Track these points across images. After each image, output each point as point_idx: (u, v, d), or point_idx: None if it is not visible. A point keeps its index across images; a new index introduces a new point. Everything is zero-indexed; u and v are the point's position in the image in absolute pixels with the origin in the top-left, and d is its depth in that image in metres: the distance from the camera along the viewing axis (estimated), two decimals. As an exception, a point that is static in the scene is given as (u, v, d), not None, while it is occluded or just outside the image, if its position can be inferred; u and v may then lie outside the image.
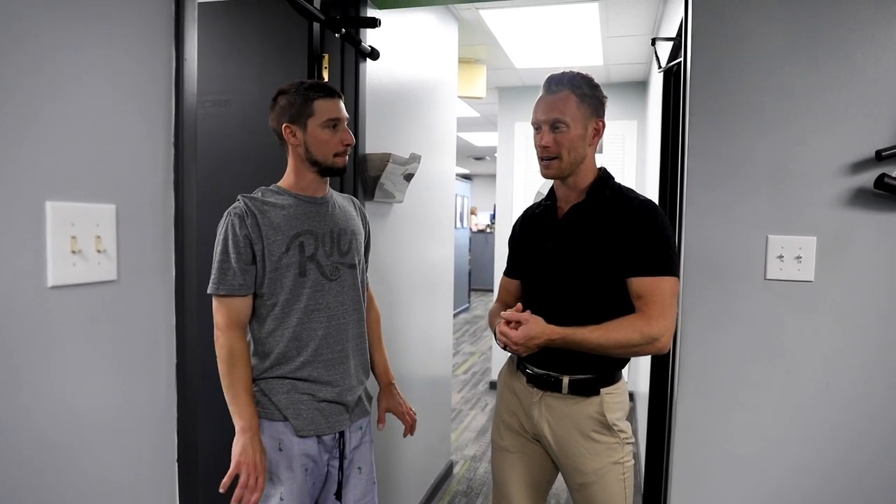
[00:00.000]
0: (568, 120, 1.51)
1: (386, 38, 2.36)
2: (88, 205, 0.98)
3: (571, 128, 1.51)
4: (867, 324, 1.48)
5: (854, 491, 1.51)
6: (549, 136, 1.52)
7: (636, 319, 1.44)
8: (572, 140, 1.52)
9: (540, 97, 1.57)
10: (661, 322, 1.42)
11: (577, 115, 1.52)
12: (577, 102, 1.52)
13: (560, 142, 1.52)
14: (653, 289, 1.45)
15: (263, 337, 1.57)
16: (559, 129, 1.51)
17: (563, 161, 1.53)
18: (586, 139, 1.54)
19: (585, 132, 1.54)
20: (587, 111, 1.53)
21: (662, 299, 1.44)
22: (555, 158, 1.53)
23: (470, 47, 4.08)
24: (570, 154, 1.53)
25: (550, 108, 1.52)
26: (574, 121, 1.51)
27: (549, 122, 1.52)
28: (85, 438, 1.00)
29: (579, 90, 1.53)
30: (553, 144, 1.52)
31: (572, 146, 1.52)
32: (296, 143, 1.57)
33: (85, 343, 0.99)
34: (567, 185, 1.59)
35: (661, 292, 1.45)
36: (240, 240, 1.50)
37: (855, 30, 1.45)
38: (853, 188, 1.46)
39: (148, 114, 1.11)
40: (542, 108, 1.54)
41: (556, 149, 1.52)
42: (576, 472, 1.57)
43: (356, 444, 1.68)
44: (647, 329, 1.42)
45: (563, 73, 1.55)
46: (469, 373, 6.08)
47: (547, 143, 1.52)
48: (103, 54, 1.01)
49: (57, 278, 0.93)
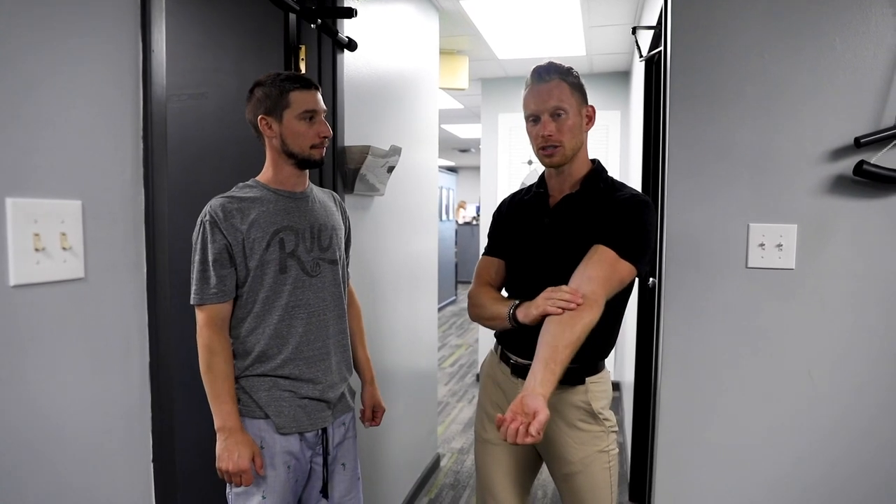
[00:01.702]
0: (566, 106, 1.51)
1: (364, 29, 2.33)
2: (52, 201, 0.96)
3: (570, 114, 1.51)
4: (847, 311, 1.49)
5: (835, 476, 1.52)
6: (551, 125, 1.51)
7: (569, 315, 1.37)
8: (572, 127, 1.52)
9: (530, 89, 1.55)
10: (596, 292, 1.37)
11: (572, 101, 1.52)
12: (570, 90, 1.52)
13: (562, 129, 1.51)
14: (604, 259, 1.42)
15: (244, 335, 1.55)
16: (559, 117, 1.51)
17: (565, 148, 1.53)
18: (582, 126, 1.55)
19: (581, 119, 1.55)
20: (579, 98, 1.55)
21: (607, 273, 1.40)
22: (558, 146, 1.52)
23: (452, 38, 4.05)
24: (571, 140, 1.53)
25: (548, 96, 1.51)
26: (571, 107, 1.52)
27: (549, 110, 1.51)
28: (55, 440, 0.98)
29: (568, 78, 1.53)
30: (556, 132, 1.51)
31: (573, 133, 1.53)
32: (272, 136, 1.55)
33: (52, 343, 0.97)
34: (562, 174, 1.58)
35: (611, 267, 1.41)
36: (215, 247, 1.48)
37: (834, 17, 1.44)
38: (833, 175, 1.46)
39: (114, 107, 1.08)
40: (539, 98, 1.52)
41: (559, 136, 1.51)
42: (561, 462, 1.57)
43: (339, 441, 1.67)
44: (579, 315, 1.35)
45: (549, 64, 1.55)
46: (456, 365, 6.08)
47: (551, 132, 1.51)
48: (66, 45, 0.97)
49: (20, 277, 0.90)
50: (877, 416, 1.49)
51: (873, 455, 1.49)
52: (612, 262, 1.42)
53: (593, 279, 1.40)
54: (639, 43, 2.71)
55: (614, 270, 1.42)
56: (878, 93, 1.43)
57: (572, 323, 1.34)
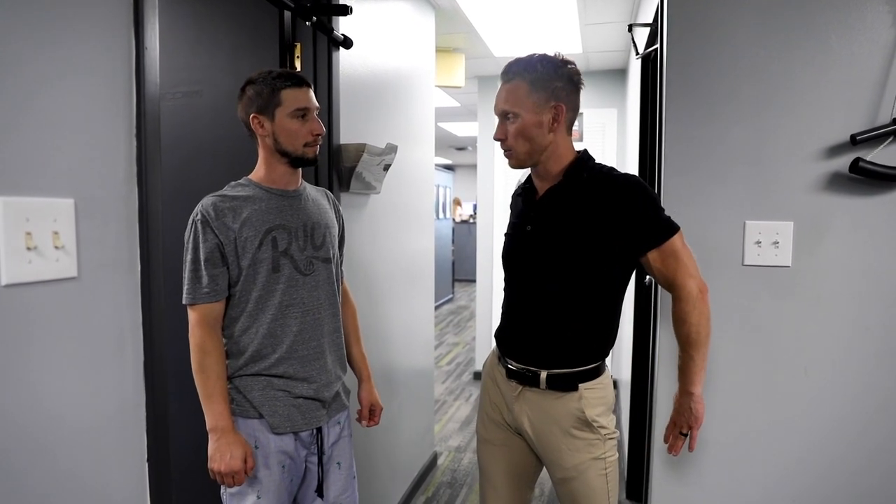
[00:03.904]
0: (517, 110, 1.48)
1: (360, 26, 2.33)
2: (44, 199, 0.95)
3: (522, 117, 1.48)
4: (844, 308, 1.49)
5: (832, 474, 1.52)
6: (501, 128, 1.51)
7: (682, 307, 1.43)
8: (523, 129, 1.48)
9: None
10: (690, 281, 1.42)
11: (527, 103, 1.47)
12: (528, 90, 1.47)
13: (511, 133, 1.50)
14: (667, 256, 1.43)
15: (237, 335, 1.54)
16: (509, 120, 1.50)
17: (517, 151, 1.51)
18: (544, 126, 1.49)
19: (540, 118, 1.48)
20: (541, 97, 1.47)
21: (678, 259, 1.43)
22: (510, 150, 1.52)
23: (448, 36, 4.04)
24: (523, 144, 1.50)
25: (502, 99, 1.51)
26: (525, 110, 1.47)
27: (500, 113, 1.52)
28: (50, 440, 0.97)
29: (532, 75, 1.48)
30: (504, 136, 1.51)
31: (525, 136, 1.49)
32: (264, 134, 1.54)
33: (45, 343, 0.96)
34: (538, 172, 1.57)
35: (675, 253, 1.43)
36: (207, 247, 1.47)
37: (830, 14, 1.44)
38: (829, 172, 1.46)
39: (107, 105, 1.07)
40: (496, 100, 1.53)
41: (509, 141, 1.51)
42: (556, 467, 1.56)
43: (335, 440, 1.66)
44: (693, 300, 1.41)
45: (518, 60, 1.51)
46: (453, 363, 6.08)
47: (499, 136, 1.52)
48: (58, 42, 0.97)
49: (11, 276, 0.89)
50: (874, 412, 1.49)
51: (870, 451, 1.50)
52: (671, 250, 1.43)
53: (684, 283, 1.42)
54: (635, 40, 2.71)
55: (677, 254, 1.43)
56: (874, 90, 1.43)
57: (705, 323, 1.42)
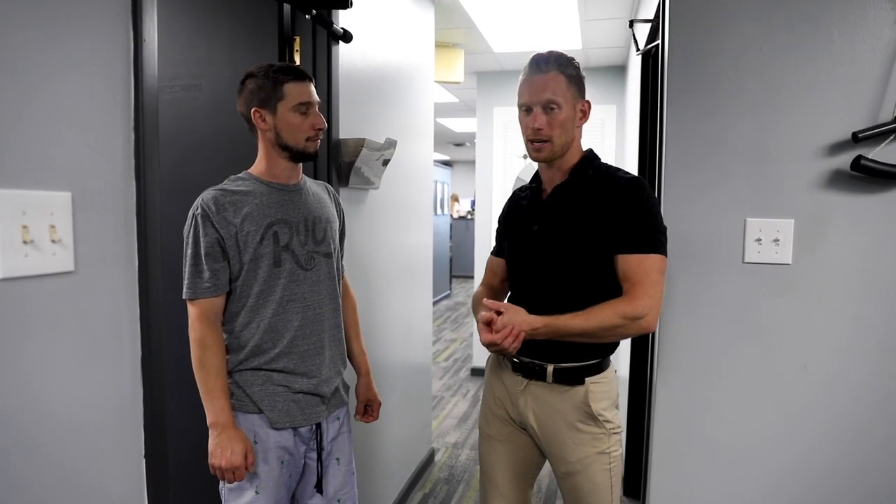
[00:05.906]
0: (560, 101, 1.46)
1: (360, 20, 2.31)
2: (41, 192, 0.94)
3: (563, 109, 1.47)
4: (844, 306, 1.48)
5: (832, 471, 1.52)
6: (542, 118, 1.47)
7: (618, 302, 1.41)
8: (564, 122, 1.48)
9: (526, 77, 1.52)
10: (645, 301, 1.40)
11: (567, 95, 1.48)
12: (567, 83, 1.48)
13: (552, 123, 1.47)
14: (637, 267, 1.42)
15: (238, 330, 1.53)
16: (552, 111, 1.47)
17: (554, 144, 1.49)
18: (575, 121, 1.51)
19: (574, 114, 1.50)
20: (575, 92, 1.50)
21: (647, 277, 1.41)
22: (547, 141, 1.49)
23: (447, 31, 4.02)
24: (561, 136, 1.49)
25: (542, 88, 1.47)
26: (565, 102, 1.47)
27: (541, 103, 1.47)
28: (46, 435, 0.96)
29: (567, 70, 1.49)
30: (546, 126, 1.47)
31: (564, 128, 1.49)
32: (265, 128, 1.53)
33: (42, 337, 0.95)
34: (553, 167, 1.56)
35: (646, 270, 1.41)
36: (208, 241, 1.46)
37: (832, 10, 1.44)
38: (830, 170, 1.46)
39: (105, 97, 1.06)
40: (533, 89, 1.49)
41: (548, 131, 1.48)
42: (561, 461, 1.56)
43: (334, 436, 1.66)
44: (629, 309, 1.39)
45: (549, 53, 1.51)
46: (451, 360, 6.07)
47: (540, 126, 1.47)
48: (55, 34, 0.95)
49: (7, 270, 0.88)
50: (874, 409, 1.49)
51: (871, 448, 1.50)
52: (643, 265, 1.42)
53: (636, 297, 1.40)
54: (636, 36, 2.70)
55: (647, 271, 1.41)
56: (876, 87, 1.42)
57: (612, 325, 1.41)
